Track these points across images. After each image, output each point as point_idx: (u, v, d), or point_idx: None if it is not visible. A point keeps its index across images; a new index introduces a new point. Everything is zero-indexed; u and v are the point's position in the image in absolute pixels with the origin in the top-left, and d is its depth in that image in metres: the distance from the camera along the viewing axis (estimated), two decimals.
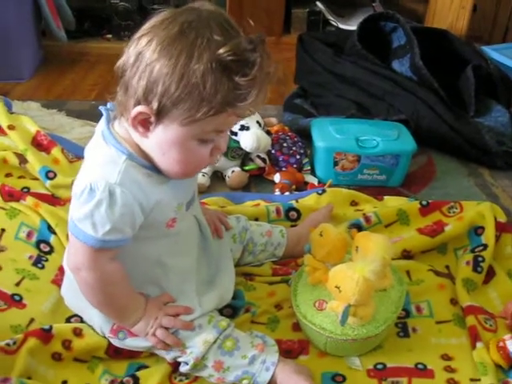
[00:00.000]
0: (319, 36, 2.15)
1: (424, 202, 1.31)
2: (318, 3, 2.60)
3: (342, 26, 2.58)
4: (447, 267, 1.24)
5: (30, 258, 1.15)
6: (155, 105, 0.79)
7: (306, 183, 1.52)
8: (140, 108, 0.80)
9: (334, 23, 2.60)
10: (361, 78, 1.87)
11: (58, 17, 2.30)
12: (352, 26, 2.53)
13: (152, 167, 0.87)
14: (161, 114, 0.80)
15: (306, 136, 1.65)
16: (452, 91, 1.82)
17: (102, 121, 0.89)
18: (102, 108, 0.90)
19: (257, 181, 1.54)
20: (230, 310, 1.07)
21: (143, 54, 0.79)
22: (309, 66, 2.00)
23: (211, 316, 0.97)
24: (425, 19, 2.52)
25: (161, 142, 0.83)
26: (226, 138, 0.90)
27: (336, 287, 0.92)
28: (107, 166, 0.84)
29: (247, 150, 1.47)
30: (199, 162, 0.88)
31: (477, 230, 1.25)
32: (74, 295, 0.98)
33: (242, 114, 0.85)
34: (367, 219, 1.29)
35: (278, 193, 1.44)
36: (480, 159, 1.72)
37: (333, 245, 1.01)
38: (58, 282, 1.09)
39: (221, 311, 1.04)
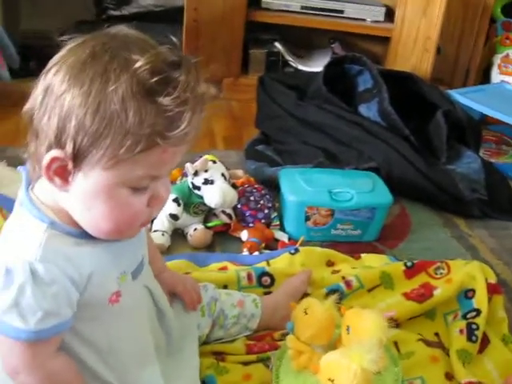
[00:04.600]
0: (280, 78, 2.06)
1: (408, 264, 1.21)
2: (277, 44, 2.52)
3: (301, 67, 2.50)
4: (437, 334, 1.13)
5: None
6: (70, 146, 0.65)
7: (276, 240, 1.39)
8: (53, 153, 0.66)
9: (293, 64, 2.52)
10: (327, 123, 1.78)
11: (1, 54, 2.13)
12: (311, 67, 2.48)
13: (81, 233, 0.71)
14: (78, 158, 0.65)
15: (272, 186, 1.53)
16: (421, 136, 1.75)
17: (22, 184, 0.74)
18: (20, 168, 0.75)
19: (221, 238, 1.40)
20: None
21: (51, 88, 0.66)
22: (271, 110, 1.90)
23: None
24: (384, 61, 2.49)
25: (83, 194, 0.68)
26: (167, 183, 0.74)
27: (330, 380, 0.78)
28: (24, 239, 0.69)
29: (212, 205, 1.33)
30: (134, 216, 0.71)
31: (467, 293, 1.15)
32: None
33: (179, 151, 0.70)
34: (348, 284, 1.16)
35: (246, 253, 1.30)
36: (454, 208, 1.65)
37: (320, 324, 0.88)
38: None
39: None
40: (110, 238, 0.73)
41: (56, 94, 0.65)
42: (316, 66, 2.45)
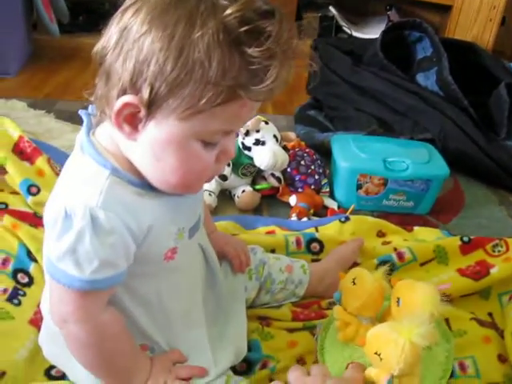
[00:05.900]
0: (335, 43, 1.98)
1: (465, 239, 1.14)
2: (331, 8, 2.44)
3: (355, 34, 2.43)
4: (490, 315, 1.08)
5: (5, 291, 0.95)
6: (146, 92, 0.60)
7: (325, 207, 1.34)
8: (126, 98, 0.61)
9: (347, 30, 2.44)
10: (382, 90, 1.70)
11: (50, 9, 2.12)
12: (366, 34, 2.40)
13: (143, 184, 0.68)
14: (153, 105, 0.61)
15: (321, 153, 1.48)
16: (480, 110, 1.67)
17: (82, 128, 0.70)
18: (81, 112, 0.71)
19: (269, 202, 1.36)
20: (245, 365, 0.89)
21: (129, 29, 0.61)
22: (324, 76, 1.83)
23: (228, 376, 0.80)
24: (443, 31, 2.38)
25: (153, 144, 0.64)
26: (234, 139, 0.72)
27: (376, 354, 0.73)
28: (86, 184, 0.65)
29: (262, 167, 1.29)
30: (202, 171, 0.68)
31: None
32: (55, 346, 0.79)
33: (256, 107, 0.66)
34: (400, 255, 1.11)
35: (294, 218, 1.26)
36: (511, 186, 1.57)
37: (368, 295, 0.83)
38: (37, 322, 0.89)
39: (233, 366, 0.86)
40: (174, 192, 0.70)
41: (134, 36, 0.60)
42: (370, 32, 2.37)
